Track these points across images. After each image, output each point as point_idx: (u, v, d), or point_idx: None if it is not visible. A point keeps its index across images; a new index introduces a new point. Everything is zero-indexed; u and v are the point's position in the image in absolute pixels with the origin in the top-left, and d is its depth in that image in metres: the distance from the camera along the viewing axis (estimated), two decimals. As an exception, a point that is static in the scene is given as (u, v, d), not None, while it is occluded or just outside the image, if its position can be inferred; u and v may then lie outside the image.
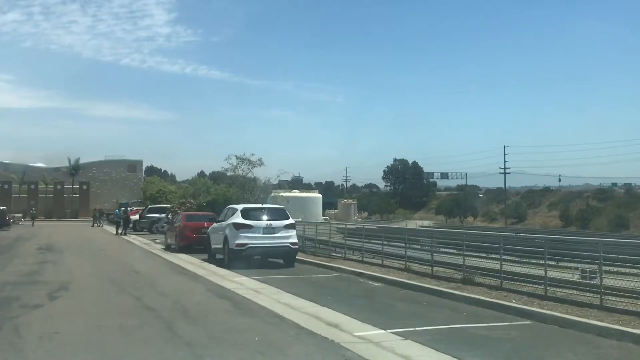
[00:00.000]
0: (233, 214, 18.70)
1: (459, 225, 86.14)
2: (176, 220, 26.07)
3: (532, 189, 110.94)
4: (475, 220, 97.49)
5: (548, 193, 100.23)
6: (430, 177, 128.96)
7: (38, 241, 31.91)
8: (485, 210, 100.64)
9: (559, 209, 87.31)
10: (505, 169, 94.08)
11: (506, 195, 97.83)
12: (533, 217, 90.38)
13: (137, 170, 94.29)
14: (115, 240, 34.36)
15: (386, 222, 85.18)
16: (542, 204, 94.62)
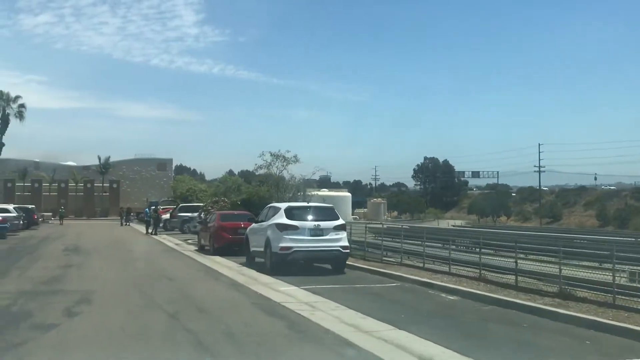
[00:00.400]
0: (275, 213, 16.65)
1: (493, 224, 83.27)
2: (210, 219, 24.17)
3: (564, 187, 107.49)
4: (509, 219, 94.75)
5: (583, 192, 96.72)
6: (461, 176, 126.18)
7: (65, 241, 30.35)
8: (518, 210, 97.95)
9: (595, 208, 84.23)
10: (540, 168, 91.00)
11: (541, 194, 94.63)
12: (568, 217, 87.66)
13: (167, 169, 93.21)
14: (145, 241, 32.67)
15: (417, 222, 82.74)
16: (577, 203, 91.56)
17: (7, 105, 72.67)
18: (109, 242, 30.71)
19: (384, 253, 18.19)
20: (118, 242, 31.00)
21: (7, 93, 73.04)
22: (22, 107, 73.64)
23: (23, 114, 73.50)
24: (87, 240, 31.51)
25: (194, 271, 16.90)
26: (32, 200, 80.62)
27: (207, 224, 24.21)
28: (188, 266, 18.60)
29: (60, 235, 37.59)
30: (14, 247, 25.98)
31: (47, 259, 20.22)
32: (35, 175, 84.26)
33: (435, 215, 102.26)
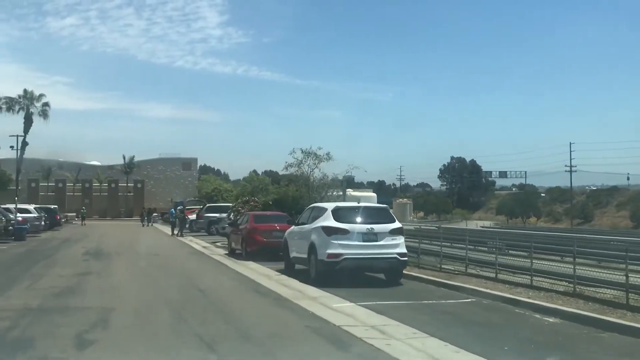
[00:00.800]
0: (321, 215, 14.47)
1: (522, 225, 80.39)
2: (242, 221, 22.12)
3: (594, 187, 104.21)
4: (539, 220, 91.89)
5: (615, 192, 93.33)
6: (488, 176, 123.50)
7: (86, 244, 28.57)
8: (548, 210, 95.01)
9: (628, 208, 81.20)
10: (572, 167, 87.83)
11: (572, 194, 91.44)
12: (600, 218, 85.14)
13: (192, 169, 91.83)
14: (170, 243, 30.78)
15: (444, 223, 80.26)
16: (609, 203, 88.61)
17: (31, 104, 71.49)
18: (132, 244, 28.87)
19: (441, 260, 15.93)
20: (142, 244, 29.14)
21: (31, 92, 71.90)
22: (46, 106, 72.41)
23: (47, 112, 72.27)
24: (110, 243, 29.70)
25: (228, 280, 14.79)
26: (56, 200, 79.70)
27: (239, 226, 22.18)
28: (220, 273, 16.52)
29: (82, 236, 35.92)
30: (31, 250, 24.21)
31: (65, 264, 18.30)
32: (59, 175, 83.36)
33: (463, 216, 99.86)
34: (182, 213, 36.53)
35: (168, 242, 31.73)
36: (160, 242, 31.19)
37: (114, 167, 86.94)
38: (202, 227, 37.23)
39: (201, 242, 30.15)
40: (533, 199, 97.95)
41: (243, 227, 21.12)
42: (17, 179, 70.97)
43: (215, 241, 29.73)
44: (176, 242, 31.52)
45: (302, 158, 36.36)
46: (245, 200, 27.82)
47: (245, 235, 20.39)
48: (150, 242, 31.46)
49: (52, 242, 30.47)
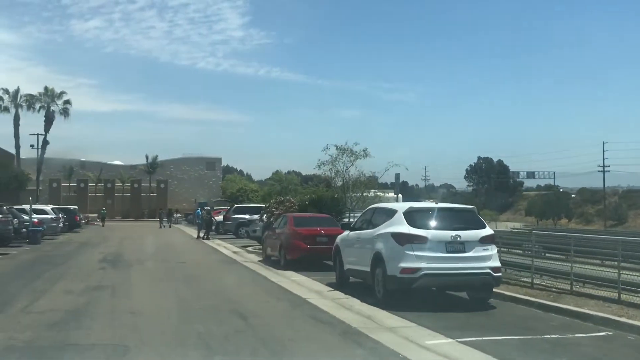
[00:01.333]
0: (388, 218, 11.45)
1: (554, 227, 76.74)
2: (279, 224, 19.26)
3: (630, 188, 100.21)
4: (570, 222, 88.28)
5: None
6: (515, 177, 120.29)
7: (105, 248, 25.98)
8: (580, 212, 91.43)
9: (664, 209, 77.69)
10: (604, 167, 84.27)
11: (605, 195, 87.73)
12: (634, 219, 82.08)
13: (216, 168, 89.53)
14: (197, 247, 28.08)
15: None
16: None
17: (51, 101, 69.70)
18: (155, 249, 26.20)
19: (534, 274, 12.86)
20: (166, 249, 26.46)
21: (52, 89, 70.13)
22: (67, 104, 70.62)
23: (68, 111, 70.49)
24: (130, 247, 27.10)
25: (274, 301, 11.84)
26: (78, 201, 77.77)
27: (275, 230, 19.34)
28: (262, 289, 13.61)
29: (102, 239, 33.41)
30: (43, 256, 21.64)
31: (75, 275, 15.58)
32: (81, 175, 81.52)
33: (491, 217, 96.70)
34: (208, 215, 33.82)
35: (194, 246, 29.04)
36: (185, 247, 28.51)
37: (137, 166, 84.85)
38: (230, 229, 34.52)
39: (230, 246, 27.39)
40: (564, 200, 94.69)
41: (281, 231, 18.28)
42: (37, 179, 69.27)
43: (246, 245, 26.98)
44: (203, 246, 28.80)
45: (336, 155, 33.60)
46: (279, 200, 24.95)
47: (285, 241, 17.54)
48: (176, 246, 28.82)
49: (68, 246, 27.96)
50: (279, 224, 19.15)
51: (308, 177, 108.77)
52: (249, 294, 12.80)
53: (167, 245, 28.67)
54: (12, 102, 67.93)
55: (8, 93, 67.76)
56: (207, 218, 33.50)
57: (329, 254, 16.23)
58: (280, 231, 18.37)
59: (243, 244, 28.13)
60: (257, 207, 35.48)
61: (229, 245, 27.92)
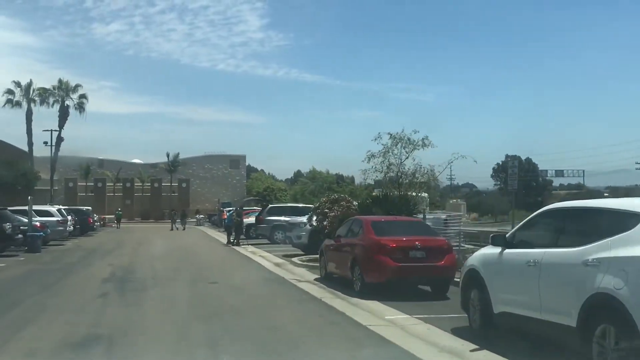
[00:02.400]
0: (614, 228, 6.14)
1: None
2: (346, 231, 14.00)
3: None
4: None
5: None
6: (544, 175, 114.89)
7: (116, 258, 21.08)
8: None
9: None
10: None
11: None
12: None
13: (240, 167, 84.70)
14: (228, 257, 23.02)
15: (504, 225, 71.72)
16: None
17: (66, 95, 65.32)
18: (177, 259, 21.20)
19: None
20: (191, 259, 21.46)
21: (67, 82, 65.77)
22: (83, 98, 66.19)
23: (84, 105, 66.05)
24: (147, 256, 22.17)
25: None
26: (95, 201, 73.44)
27: (339, 238, 14.13)
28: (346, 338, 8.37)
29: (115, 245, 28.62)
30: (34, 272, 16.73)
31: (60, 310, 10.52)
32: (98, 174, 77.19)
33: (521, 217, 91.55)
34: (239, 217, 28.72)
35: (225, 255, 23.98)
36: (214, 256, 23.47)
37: (157, 165, 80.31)
38: (264, 233, 29.43)
39: (268, 255, 22.31)
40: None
41: (353, 242, 13.06)
42: (51, 178, 64.87)
43: (288, 253, 21.89)
44: (235, 255, 23.75)
45: (390, 144, 28.39)
46: (333, 199, 19.72)
47: (361, 255, 12.30)
48: (202, 254, 23.82)
49: (72, 254, 23.10)
50: (347, 231, 13.94)
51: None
52: (322, 348, 7.60)
53: (191, 254, 23.65)
54: (24, 97, 63.68)
55: (20, 86, 63.51)
56: (237, 220, 28.42)
57: (428, 275, 11.09)
58: (351, 241, 13.17)
59: (283, 251, 23.05)
60: (296, 207, 30.48)
61: (266, 254, 22.84)
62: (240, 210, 29.37)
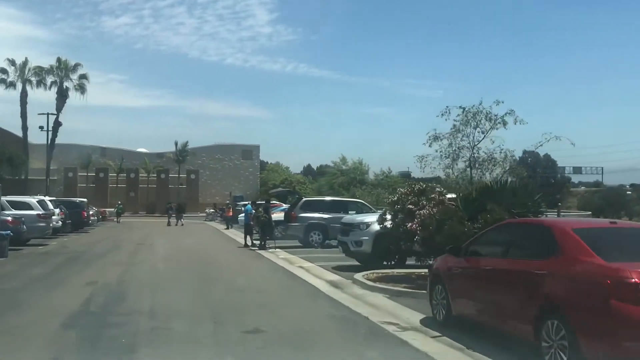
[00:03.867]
0: None
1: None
2: (505, 245, 7.66)
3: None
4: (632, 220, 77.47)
5: None
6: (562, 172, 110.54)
7: (101, 271, 15.02)
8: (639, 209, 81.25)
9: None
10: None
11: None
12: None
13: (253, 157, 78.42)
14: (256, 268, 16.87)
15: None
16: None
17: (65, 76, 59.32)
18: (187, 273, 15.04)
19: None
20: (206, 272, 15.32)
21: (65, 61, 59.73)
22: (83, 79, 60.21)
23: (84, 86, 60.05)
24: (146, 266, 16.07)
25: None
26: (96, 193, 67.47)
27: (476, 256, 7.88)
28: None
29: (109, 247, 22.62)
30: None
31: None
32: (100, 163, 71.20)
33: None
34: (266, 213, 22.49)
35: (254, 265, 17.79)
36: (236, 265, 17.35)
37: (164, 154, 74.21)
38: (296, 234, 23.25)
39: (312, 266, 16.23)
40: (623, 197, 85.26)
41: (531, 268, 6.74)
42: (47, 167, 58.85)
43: (336, 263, 15.87)
44: (267, 266, 17.57)
45: (462, 119, 22.21)
46: (419, 189, 13.37)
47: (576, 300, 5.96)
48: (219, 263, 17.67)
49: (46, 262, 17.06)
50: (500, 244, 7.72)
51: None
52: None
53: (207, 263, 17.48)
54: (18, 76, 57.75)
55: (14, 65, 57.59)
56: (264, 218, 22.26)
57: None
58: (524, 266, 6.91)
59: (327, 260, 17.00)
60: (338, 202, 24.41)
61: (307, 264, 16.72)
62: (267, 205, 23.09)
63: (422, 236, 11.71)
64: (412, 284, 12.04)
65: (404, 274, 13.77)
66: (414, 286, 11.74)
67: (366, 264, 15.44)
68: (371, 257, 15.12)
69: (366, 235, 15.09)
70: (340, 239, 16.24)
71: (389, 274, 13.87)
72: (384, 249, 14.83)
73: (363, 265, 16.03)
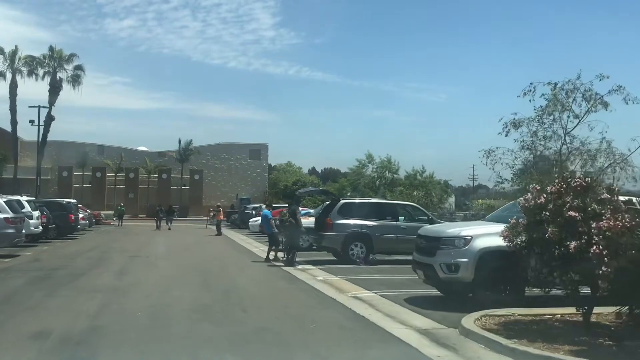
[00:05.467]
0: None
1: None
2: None
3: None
4: None
5: None
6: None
7: (70, 305, 10.16)
8: None
9: None
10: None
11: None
12: None
13: (261, 158, 73.45)
14: (288, 296, 11.85)
15: None
16: None
17: (59, 66, 54.52)
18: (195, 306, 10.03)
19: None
20: (223, 306, 10.29)
21: (59, 50, 54.94)
22: (78, 70, 55.42)
23: (79, 78, 55.23)
24: (136, 297, 11.11)
25: None
26: (93, 194, 62.73)
27: None
28: None
29: (93, 262, 17.75)
30: None
31: None
32: (98, 162, 66.38)
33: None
34: (293, 217, 17.49)
35: (286, 294, 12.75)
36: (270, 296, 12.25)
37: (166, 153, 69.33)
38: (332, 245, 18.27)
39: (370, 295, 11.43)
40: None
41: None
42: (38, 165, 53.82)
43: (406, 293, 11.00)
44: (303, 293, 12.61)
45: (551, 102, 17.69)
46: (581, 184, 8.20)
47: None
48: (244, 292, 12.61)
49: (6, 286, 12.09)
50: None
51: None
52: None
53: (223, 292, 12.42)
54: (8, 66, 52.97)
55: (3, 53, 52.77)
56: (292, 226, 17.29)
57: None
58: None
59: (385, 285, 12.30)
60: (386, 205, 19.52)
61: (362, 293, 11.91)
62: (295, 208, 18.03)
63: (611, 267, 6.69)
64: (573, 340, 7.11)
65: (533, 316, 8.87)
66: (584, 348, 6.81)
67: (459, 296, 10.54)
68: (472, 287, 10.15)
69: (466, 256, 10.06)
70: (420, 260, 11.19)
71: (509, 316, 8.91)
72: (492, 276, 9.86)
73: (446, 296, 11.14)
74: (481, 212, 25.61)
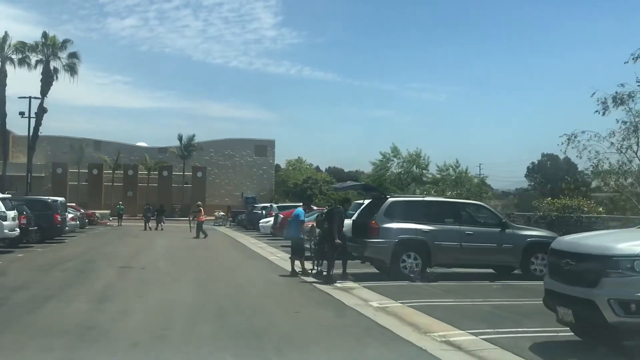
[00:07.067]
0: None
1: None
2: None
3: None
4: None
5: None
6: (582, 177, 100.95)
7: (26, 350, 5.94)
8: None
9: None
10: None
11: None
12: None
13: (268, 154, 69.50)
14: (343, 339, 7.78)
15: None
16: None
17: (52, 54, 50.54)
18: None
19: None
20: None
21: (53, 37, 50.94)
22: (74, 58, 51.43)
23: (75, 67, 51.25)
24: (121, 342, 6.95)
25: None
26: (90, 192, 58.87)
27: None
28: None
29: (72, 277, 13.89)
30: None
31: None
32: (94, 158, 62.49)
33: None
34: (331, 222, 13.51)
35: (331, 334, 8.76)
36: (311, 336, 8.23)
37: (167, 149, 65.39)
38: (377, 256, 14.31)
39: (466, 339, 7.48)
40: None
41: None
42: (29, 161, 49.75)
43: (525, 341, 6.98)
44: (360, 330, 8.61)
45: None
46: None
47: None
48: (274, 331, 8.59)
49: None
50: None
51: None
52: None
53: (256, 335, 8.41)
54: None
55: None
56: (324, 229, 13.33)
57: None
58: None
59: (468, 313, 8.52)
60: (446, 204, 15.70)
61: (451, 333, 8.11)
62: (339, 210, 14.02)
63: None
64: None
65: None
66: None
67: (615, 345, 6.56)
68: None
69: None
70: (566, 292, 7.07)
71: None
72: None
73: (585, 341, 7.18)
74: (552, 214, 21.61)
